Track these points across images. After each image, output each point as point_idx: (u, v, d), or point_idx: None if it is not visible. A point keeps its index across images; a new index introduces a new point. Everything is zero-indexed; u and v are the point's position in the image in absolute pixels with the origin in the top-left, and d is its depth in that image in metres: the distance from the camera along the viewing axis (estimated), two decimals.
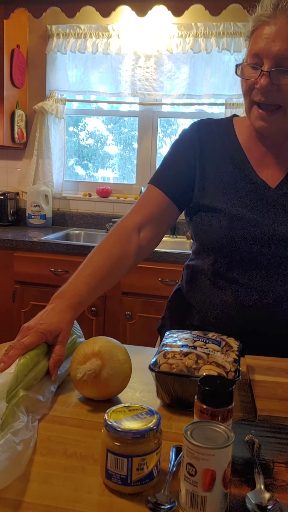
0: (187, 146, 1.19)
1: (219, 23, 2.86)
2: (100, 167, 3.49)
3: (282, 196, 1.10)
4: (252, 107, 1.05)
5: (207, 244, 1.16)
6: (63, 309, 0.96)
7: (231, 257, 1.12)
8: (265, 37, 0.99)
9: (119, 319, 2.66)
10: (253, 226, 1.09)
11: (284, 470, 0.70)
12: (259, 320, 1.12)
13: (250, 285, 1.12)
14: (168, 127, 3.38)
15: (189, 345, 0.91)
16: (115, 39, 3.04)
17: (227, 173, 1.14)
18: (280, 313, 1.11)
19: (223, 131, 1.19)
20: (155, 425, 0.64)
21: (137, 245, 1.15)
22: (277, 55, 0.98)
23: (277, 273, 1.10)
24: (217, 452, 0.58)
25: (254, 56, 1.01)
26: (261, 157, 1.14)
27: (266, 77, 0.99)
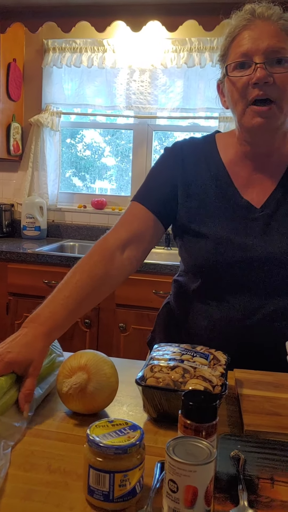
0: (170, 166, 1.17)
1: (212, 38, 2.90)
2: (97, 178, 3.51)
3: (267, 217, 1.10)
4: (247, 109, 1.03)
5: (194, 267, 1.16)
6: (36, 336, 0.89)
7: (217, 279, 1.12)
8: (249, 38, 1.01)
9: (113, 331, 2.65)
10: (239, 249, 1.08)
11: (269, 486, 0.70)
12: (246, 337, 1.11)
13: (236, 304, 1.11)
14: (165, 140, 3.40)
15: (176, 359, 0.91)
16: (110, 53, 3.07)
17: (212, 195, 1.13)
18: (266, 330, 1.10)
19: (207, 151, 1.17)
20: (138, 440, 0.64)
21: (120, 265, 1.10)
22: (266, 50, 1.00)
23: (263, 294, 1.10)
24: (199, 468, 0.57)
25: (242, 55, 1.01)
26: (246, 176, 1.13)
27: (262, 69, 0.99)
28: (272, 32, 1.00)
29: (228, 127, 3.01)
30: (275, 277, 1.08)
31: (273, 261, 1.07)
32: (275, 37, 1.00)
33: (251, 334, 1.11)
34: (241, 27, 1.03)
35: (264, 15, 1.02)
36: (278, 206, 1.10)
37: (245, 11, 1.04)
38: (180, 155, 1.17)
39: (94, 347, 2.67)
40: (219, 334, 1.13)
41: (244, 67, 1.02)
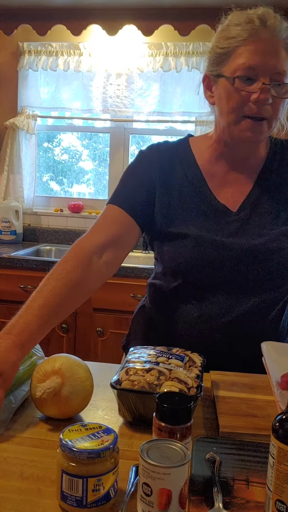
0: (146, 169, 1.16)
1: (188, 42, 2.91)
2: (75, 182, 3.49)
3: (243, 219, 1.11)
4: (242, 121, 1.04)
5: (174, 268, 1.15)
6: (8, 348, 0.85)
7: (197, 279, 1.12)
8: (257, 52, 1.00)
9: (90, 336, 2.63)
10: (217, 248, 1.09)
11: (244, 487, 0.70)
12: (224, 336, 1.12)
13: (215, 302, 1.12)
14: (143, 144, 3.40)
15: (151, 361, 0.91)
16: (86, 57, 3.06)
17: (188, 197, 1.13)
18: (244, 328, 1.12)
19: (182, 153, 1.17)
20: (112, 444, 0.63)
21: (97, 270, 1.07)
22: (272, 71, 1.00)
23: (241, 291, 1.11)
24: (173, 471, 0.57)
25: (249, 69, 1.00)
26: (222, 176, 1.14)
27: (267, 92, 0.99)
28: (278, 50, 1.00)
29: (205, 131, 3.01)
30: (252, 274, 1.09)
31: (249, 259, 1.09)
32: (280, 57, 1.01)
33: (230, 331, 1.11)
34: (250, 34, 1.00)
35: (275, 28, 1.01)
36: (253, 208, 1.12)
37: (255, 15, 1.01)
38: (155, 158, 1.17)
39: (72, 351, 2.64)
40: (198, 332, 1.13)
41: (250, 79, 1.01)
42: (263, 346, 1.03)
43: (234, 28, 1.02)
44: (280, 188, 1.14)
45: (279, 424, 0.59)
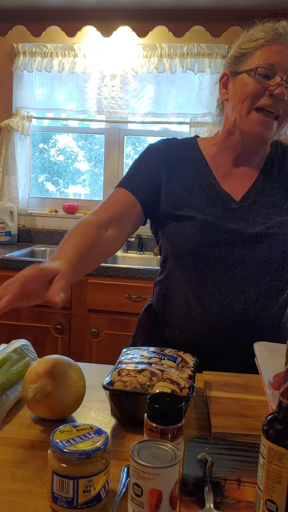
0: (155, 158, 1.22)
1: (183, 44, 2.92)
2: (70, 183, 3.49)
3: (246, 208, 1.16)
4: (251, 112, 1.09)
5: (178, 251, 1.17)
6: (61, 263, 0.87)
7: (201, 263, 1.14)
8: (279, 52, 1.08)
9: (85, 337, 2.63)
10: (222, 232, 1.12)
11: (235, 487, 0.70)
12: (229, 326, 1.13)
13: (220, 291, 1.13)
14: (139, 145, 3.41)
15: (144, 362, 0.91)
16: (81, 58, 3.06)
17: (195, 186, 1.18)
18: (249, 317, 1.12)
19: (189, 148, 1.23)
20: (103, 445, 0.63)
21: (105, 240, 1.10)
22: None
23: (243, 279, 1.13)
24: (163, 471, 0.57)
25: (269, 65, 1.07)
26: (227, 172, 1.20)
27: (283, 87, 1.06)
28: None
29: (199, 132, 3.03)
30: (253, 261, 1.11)
31: (250, 245, 1.11)
32: None
33: (235, 322, 1.12)
34: (272, 38, 1.09)
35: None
36: (256, 199, 1.16)
37: (279, 26, 1.10)
38: (164, 151, 1.22)
39: (66, 353, 2.64)
40: (201, 326, 1.15)
41: (266, 77, 1.08)
42: (255, 346, 1.04)
43: (259, 33, 1.11)
44: (282, 184, 1.18)
45: (269, 424, 0.59)
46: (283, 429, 0.57)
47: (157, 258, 3.04)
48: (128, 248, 3.18)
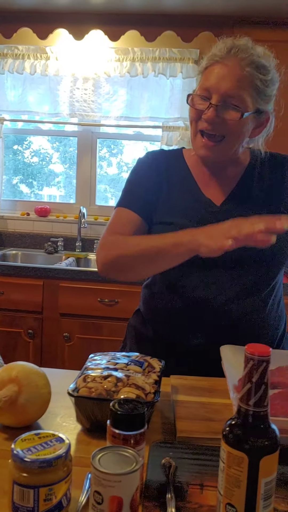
0: (148, 174, 1.25)
1: (155, 48, 2.93)
2: (45, 185, 3.46)
3: (226, 212, 1.18)
4: (197, 135, 1.13)
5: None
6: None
7: (181, 266, 1.14)
8: (216, 75, 1.09)
9: (57, 341, 2.61)
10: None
11: (198, 492, 0.70)
12: (210, 321, 1.16)
13: (201, 292, 1.17)
14: (114, 148, 3.41)
15: (110, 368, 0.91)
16: (53, 61, 3.04)
17: (179, 193, 1.23)
18: (231, 313, 1.16)
19: (175, 158, 1.28)
20: (64, 452, 0.62)
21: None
22: (224, 93, 1.08)
23: (224, 278, 1.16)
24: (123, 478, 0.57)
25: (205, 90, 1.10)
26: (207, 179, 1.24)
27: (213, 110, 1.08)
28: (236, 76, 1.08)
29: (171, 136, 3.05)
30: (232, 261, 1.14)
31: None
32: (237, 82, 1.08)
33: (215, 316, 1.16)
34: (216, 60, 1.10)
35: (237, 55, 1.08)
36: (236, 204, 1.20)
37: (227, 44, 1.10)
38: (153, 162, 1.27)
39: (38, 358, 2.62)
40: (182, 320, 1.19)
41: (204, 99, 1.11)
42: (221, 349, 1.05)
43: (210, 53, 1.13)
44: (260, 191, 1.22)
45: (228, 429, 0.60)
46: (242, 434, 0.58)
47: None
48: None
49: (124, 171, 3.42)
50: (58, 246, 3.18)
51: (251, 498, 0.58)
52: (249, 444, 0.57)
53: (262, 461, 0.57)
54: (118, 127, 3.24)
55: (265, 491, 0.58)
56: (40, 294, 2.59)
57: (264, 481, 0.57)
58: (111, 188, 3.43)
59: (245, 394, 0.58)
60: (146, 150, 3.38)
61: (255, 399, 0.57)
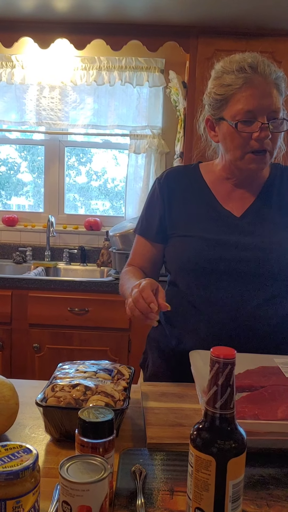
0: (155, 196, 1.32)
1: (121, 57, 2.95)
2: (13, 194, 3.42)
3: (246, 223, 1.22)
4: (246, 155, 1.17)
5: (180, 265, 1.23)
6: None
7: (202, 278, 1.19)
8: (253, 96, 1.13)
9: (27, 352, 2.57)
10: (221, 246, 1.18)
11: (168, 497, 0.70)
12: (234, 335, 1.16)
13: (223, 302, 1.17)
14: (83, 156, 3.39)
15: (79, 376, 0.90)
16: (19, 69, 3.02)
17: (196, 208, 1.26)
18: (252, 325, 1.16)
19: (191, 175, 1.32)
20: (32, 463, 0.61)
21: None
22: (268, 111, 1.13)
23: (244, 289, 1.17)
24: (91, 486, 0.57)
25: (247, 113, 1.14)
26: (227, 194, 1.27)
27: (266, 129, 1.13)
28: (271, 91, 1.14)
29: (139, 144, 3.07)
30: (252, 272, 1.16)
31: (249, 257, 1.16)
32: (273, 97, 1.14)
33: (240, 330, 1.16)
34: (243, 82, 1.14)
35: (265, 72, 1.14)
36: (255, 216, 1.23)
37: (245, 62, 1.14)
38: (165, 182, 1.32)
39: (8, 369, 2.57)
40: (207, 334, 1.18)
41: (249, 122, 1.14)
42: (190, 354, 1.06)
43: (228, 76, 1.16)
44: (280, 204, 1.25)
45: (196, 433, 0.60)
46: (209, 437, 0.59)
47: (100, 270, 3.04)
48: (70, 260, 3.15)
49: (93, 179, 3.42)
50: (26, 256, 3.14)
51: (220, 501, 0.58)
52: (216, 447, 0.57)
53: (229, 463, 0.57)
54: (86, 136, 3.24)
55: (233, 493, 0.58)
56: (9, 305, 2.55)
57: (232, 483, 0.58)
58: (81, 196, 3.41)
59: (211, 397, 0.59)
60: (115, 159, 3.41)
61: (221, 401, 0.58)
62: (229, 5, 2.43)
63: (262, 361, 1.05)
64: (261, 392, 0.90)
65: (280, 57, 2.65)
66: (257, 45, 2.67)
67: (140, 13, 2.59)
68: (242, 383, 0.94)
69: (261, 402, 0.86)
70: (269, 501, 0.70)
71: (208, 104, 1.23)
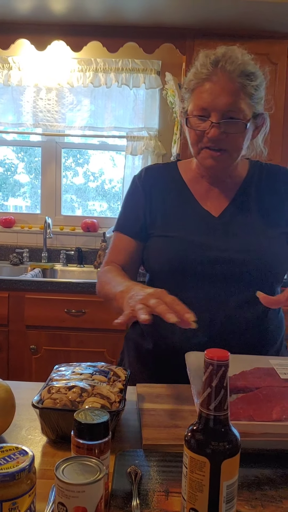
0: (137, 193, 1.29)
1: (117, 59, 2.96)
2: (10, 196, 3.42)
3: (224, 223, 1.21)
4: (201, 151, 1.15)
5: (159, 267, 1.22)
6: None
7: (180, 279, 1.18)
8: (209, 93, 1.10)
9: (24, 354, 2.57)
10: (200, 248, 1.17)
11: (163, 498, 0.71)
12: (211, 338, 1.15)
13: (200, 304, 1.15)
14: (81, 157, 3.40)
15: (74, 378, 0.90)
16: (16, 71, 3.03)
17: (175, 207, 1.25)
18: (230, 327, 1.16)
19: (170, 173, 1.31)
20: (27, 465, 0.62)
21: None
22: (223, 108, 1.09)
23: (225, 291, 1.16)
24: (87, 488, 0.57)
25: (201, 109, 1.11)
26: (205, 192, 1.25)
27: (216, 128, 1.10)
28: (230, 90, 1.09)
29: (136, 146, 3.07)
30: (230, 272, 1.16)
31: (231, 261, 1.16)
32: (232, 96, 1.09)
33: (217, 331, 1.15)
34: (204, 78, 1.10)
35: (225, 69, 1.09)
36: (233, 216, 1.22)
37: (211, 57, 1.10)
38: (145, 179, 1.30)
39: (5, 371, 2.57)
40: (182, 335, 1.16)
41: (202, 119, 1.12)
42: (186, 356, 1.06)
43: (194, 70, 1.13)
44: (258, 203, 1.23)
45: (190, 434, 0.60)
46: (203, 438, 0.59)
47: (97, 271, 3.04)
48: (67, 262, 3.16)
49: (90, 180, 3.42)
50: (23, 257, 3.15)
51: (214, 502, 0.59)
52: (210, 448, 0.58)
53: (223, 464, 0.58)
54: (83, 137, 3.25)
55: (227, 494, 0.59)
56: (6, 306, 2.55)
57: (226, 484, 0.59)
58: (78, 197, 3.42)
59: (206, 399, 0.59)
60: (112, 160, 3.42)
61: (215, 403, 0.58)
62: (225, 7, 2.45)
63: (257, 363, 1.05)
64: (256, 393, 0.90)
65: (275, 59, 2.67)
66: (252, 47, 2.65)
67: (137, 15, 2.60)
68: (237, 384, 0.94)
69: (256, 403, 0.87)
70: (263, 502, 0.70)
71: (182, 98, 1.22)
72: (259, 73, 1.14)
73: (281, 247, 1.20)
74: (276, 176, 1.26)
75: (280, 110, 2.71)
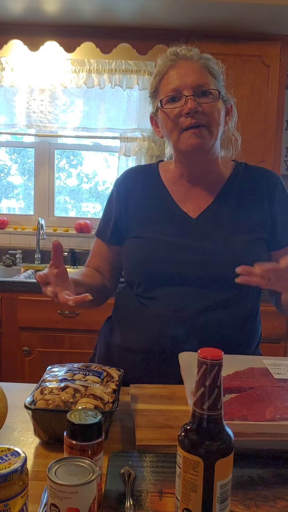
0: (111, 198, 1.32)
1: (111, 60, 2.96)
2: (3, 197, 3.40)
3: (201, 225, 1.20)
4: (181, 134, 1.16)
5: (133, 267, 1.23)
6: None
7: (155, 278, 1.18)
8: (177, 75, 1.16)
9: (17, 356, 2.56)
10: (174, 249, 1.17)
11: (157, 499, 0.70)
12: (177, 333, 1.15)
13: (173, 305, 1.16)
14: (74, 159, 3.39)
15: (68, 379, 0.90)
16: (8, 71, 3.02)
17: (152, 208, 1.25)
18: (196, 327, 1.14)
19: (149, 175, 1.31)
20: (20, 466, 0.61)
21: (103, 282, 1.30)
22: (193, 84, 1.14)
23: (196, 293, 1.15)
24: (80, 489, 0.57)
25: (172, 90, 1.15)
26: (184, 194, 1.25)
27: (192, 100, 1.13)
28: (195, 69, 1.16)
29: (129, 147, 3.07)
30: (206, 273, 1.15)
31: (203, 262, 1.15)
32: (199, 73, 1.16)
33: (183, 329, 1.14)
34: (168, 67, 1.18)
35: (186, 55, 1.18)
36: (212, 218, 1.21)
37: (169, 53, 1.19)
38: (122, 184, 1.32)
39: None
40: (150, 330, 1.17)
41: (175, 100, 1.15)
42: (180, 356, 1.06)
43: (157, 67, 1.21)
44: (239, 206, 1.22)
45: (184, 434, 0.60)
46: (197, 438, 0.59)
47: None
48: None
49: (84, 182, 3.42)
50: (16, 259, 3.13)
51: (208, 502, 0.58)
52: (203, 448, 0.58)
53: (217, 464, 0.58)
54: (76, 138, 3.24)
55: (221, 494, 0.59)
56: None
57: (219, 484, 0.58)
58: (71, 199, 3.41)
59: (199, 399, 0.59)
60: (106, 161, 3.41)
61: (208, 403, 0.58)
62: (218, 9, 2.45)
63: (251, 363, 1.05)
64: (249, 393, 0.90)
65: (268, 61, 2.68)
66: (245, 49, 2.70)
67: (130, 17, 2.59)
68: (231, 384, 0.94)
69: (250, 403, 0.87)
70: (257, 502, 0.70)
71: (150, 103, 1.27)
72: (216, 61, 1.21)
73: (258, 251, 1.18)
74: (261, 179, 1.25)
75: (272, 112, 2.72)
